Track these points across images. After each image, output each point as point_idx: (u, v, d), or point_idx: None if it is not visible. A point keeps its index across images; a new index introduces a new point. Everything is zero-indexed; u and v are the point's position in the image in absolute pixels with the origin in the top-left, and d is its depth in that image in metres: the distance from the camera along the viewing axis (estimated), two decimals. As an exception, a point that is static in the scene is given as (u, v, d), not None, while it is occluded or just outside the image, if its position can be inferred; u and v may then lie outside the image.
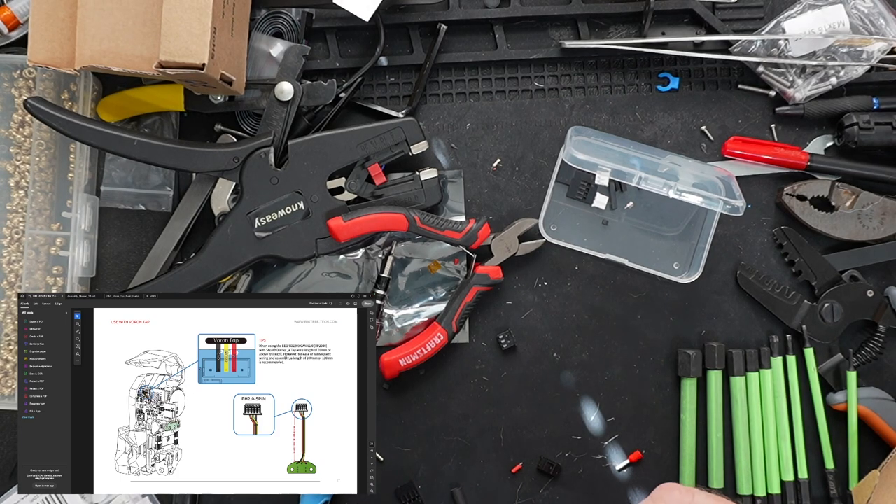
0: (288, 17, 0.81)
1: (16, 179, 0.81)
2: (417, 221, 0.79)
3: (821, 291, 0.83)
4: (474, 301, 0.81)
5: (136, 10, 0.73)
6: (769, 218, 0.84)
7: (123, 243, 0.84)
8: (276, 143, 0.78)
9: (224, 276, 0.79)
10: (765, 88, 0.84)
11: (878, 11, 0.81)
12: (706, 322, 0.84)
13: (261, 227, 0.78)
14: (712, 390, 0.82)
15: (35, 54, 0.74)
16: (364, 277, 0.83)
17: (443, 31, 0.82)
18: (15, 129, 0.81)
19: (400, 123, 0.79)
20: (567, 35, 0.85)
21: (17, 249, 0.80)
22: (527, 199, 0.84)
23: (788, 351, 0.83)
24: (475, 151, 0.84)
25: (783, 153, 0.82)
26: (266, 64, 0.80)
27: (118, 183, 0.83)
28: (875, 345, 0.82)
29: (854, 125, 0.80)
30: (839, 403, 0.81)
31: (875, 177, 0.82)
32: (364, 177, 0.80)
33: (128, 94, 0.80)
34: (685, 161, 0.81)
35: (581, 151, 0.76)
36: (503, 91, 0.84)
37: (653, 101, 0.84)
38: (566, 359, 0.84)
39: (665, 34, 0.84)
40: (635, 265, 0.80)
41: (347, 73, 0.83)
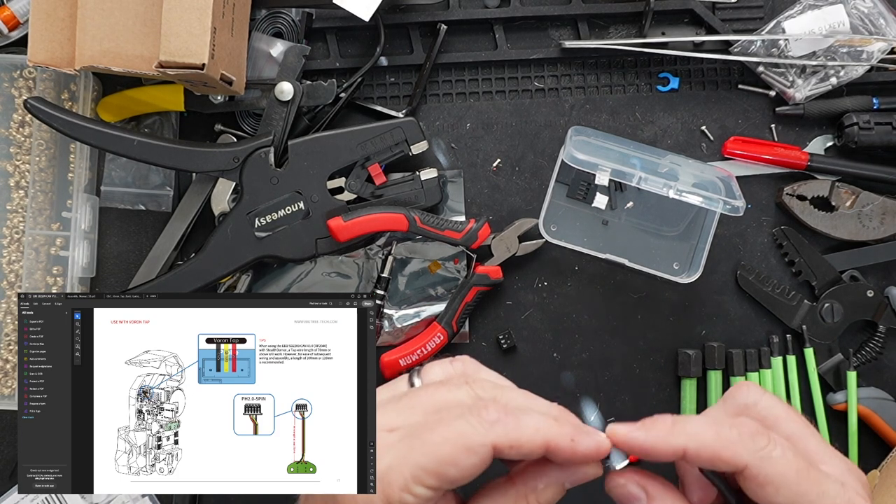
0: (288, 17, 0.81)
1: (16, 179, 0.81)
2: (417, 221, 0.79)
3: (821, 291, 0.83)
4: (474, 301, 0.81)
5: (136, 10, 0.73)
6: (769, 218, 0.84)
7: (123, 243, 0.84)
8: (276, 143, 0.78)
9: (224, 276, 0.79)
10: (765, 88, 0.84)
11: (878, 11, 0.81)
12: (706, 322, 0.84)
13: (261, 227, 0.78)
14: (712, 390, 0.82)
15: (35, 54, 0.74)
16: (364, 277, 0.83)
17: (443, 31, 0.82)
18: (15, 129, 0.81)
19: (400, 123, 0.79)
20: (567, 35, 0.85)
21: (17, 249, 0.80)
22: (527, 199, 0.84)
23: (788, 351, 0.83)
24: (475, 151, 0.84)
25: (783, 153, 0.82)
26: (266, 64, 0.80)
27: (118, 183, 0.83)
28: (875, 345, 0.82)
29: (854, 125, 0.80)
30: (839, 403, 0.81)
31: (875, 177, 0.82)
32: (364, 177, 0.80)
33: (128, 94, 0.80)
34: (685, 161, 0.81)
35: (581, 151, 0.76)
36: (503, 91, 0.84)
37: (653, 101, 0.84)
38: (566, 359, 0.84)
39: (665, 34, 0.84)
40: (635, 265, 0.80)
41: (347, 73, 0.83)
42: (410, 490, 0.49)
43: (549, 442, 0.48)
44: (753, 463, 0.47)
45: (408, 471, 0.49)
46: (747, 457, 0.47)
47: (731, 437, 0.47)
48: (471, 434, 0.47)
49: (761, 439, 0.47)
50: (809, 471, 0.47)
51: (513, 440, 0.47)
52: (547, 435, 0.48)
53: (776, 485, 0.46)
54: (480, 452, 0.47)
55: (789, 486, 0.47)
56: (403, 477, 0.49)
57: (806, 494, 0.46)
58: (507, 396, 0.52)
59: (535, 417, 0.49)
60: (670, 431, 0.48)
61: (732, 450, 0.47)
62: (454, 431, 0.48)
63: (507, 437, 0.47)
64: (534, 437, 0.48)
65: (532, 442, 0.48)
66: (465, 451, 0.47)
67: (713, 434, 0.47)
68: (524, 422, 0.48)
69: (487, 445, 0.47)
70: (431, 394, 0.52)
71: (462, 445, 0.47)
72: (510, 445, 0.47)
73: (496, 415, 0.48)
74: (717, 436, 0.47)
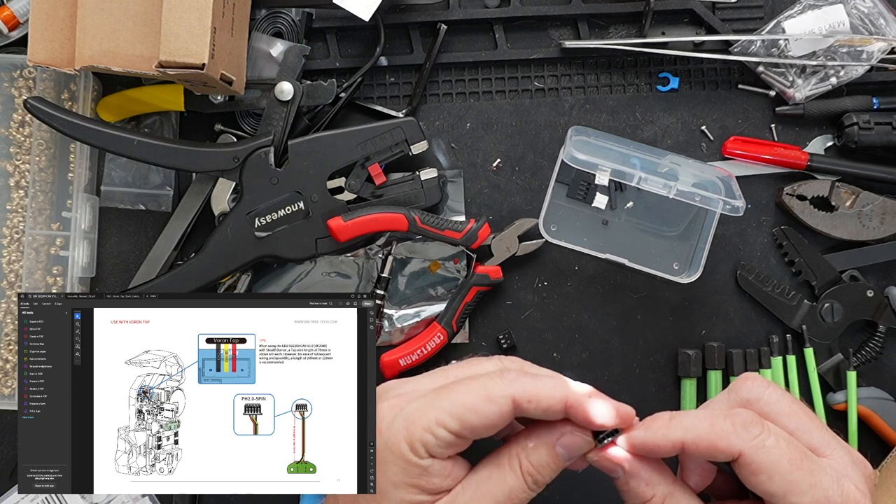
0: (288, 17, 0.81)
1: (16, 179, 0.81)
2: (417, 221, 0.79)
3: (821, 291, 0.83)
4: (474, 301, 0.81)
5: (136, 10, 0.73)
6: (769, 218, 0.84)
7: (123, 243, 0.84)
8: (276, 143, 0.78)
9: (224, 276, 0.79)
10: (765, 88, 0.84)
11: (878, 11, 0.81)
12: (706, 322, 0.84)
13: (261, 227, 0.78)
14: (712, 390, 0.82)
15: (35, 54, 0.74)
16: (364, 277, 0.83)
17: (443, 31, 0.82)
18: (15, 129, 0.81)
19: (400, 123, 0.79)
20: (567, 35, 0.85)
21: (17, 249, 0.80)
22: (527, 199, 0.84)
23: (788, 351, 0.83)
24: (475, 151, 0.84)
25: (783, 153, 0.82)
26: (266, 64, 0.80)
27: (118, 183, 0.83)
28: (875, 345, 0.82)
29: (854, 125, 0.80)
30: (839, 403, 0.81)
31: (875, 177, 0.82)
32: (364, 177, 0.80)
33: (128, 94, 0.80)
34: (685, 161, 0.81)
35: (581, 151, 0.76)
36: (503, 91, 0.84)
37: (653, 101, 0.84)
38: (566, 359, 0.84)
39: (665, 34, 0.84)
40: (635, 265, 0.80)
41: (347, 73, 0.83)
42: (433, 431, 0.52)
43: (567, 398, 0.51)
44: (747, 451, 0.48)
45: (433, 413, 0.52)
46: (741, 445, 0.48)
47: (726, 427, 0.49)
48: (492, 386, 0.52)
49: (755, 428, 0.49)
50: (803, 461, 0.48)
51: (531, 394, 0.51)
52: (564, 391, 0.51)
53: (769, 473, 0.48)
54: (500, 402, 0.51)
55: (782, 475, 0.48)
56: (427, 418, 0.52)
57: (798, 484, 0.48)
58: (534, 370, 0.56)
59: (554, 379, 0.53)
60: (668, 426, 0.51)
61: (727, 440, 0.49)
62: (479, 385, 0.52)
63: (524, 391, 0.51)
64: (552, 392, 0.51)
65: (550, 397, 0.51)
66: (486, 400, 0.51)
67: (708, 426, 0.49)
68: (542, 381, 0.52)
69: (507, 397, 0.51)
70: (464, 365, 0.57)
71: (484, 395, 0.51)
72: (528, 399, 0.51)
73: (516, 374, 0.52)
74: (712, 427, 0.49)
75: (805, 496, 0.48)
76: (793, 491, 0.48)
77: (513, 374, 0.52)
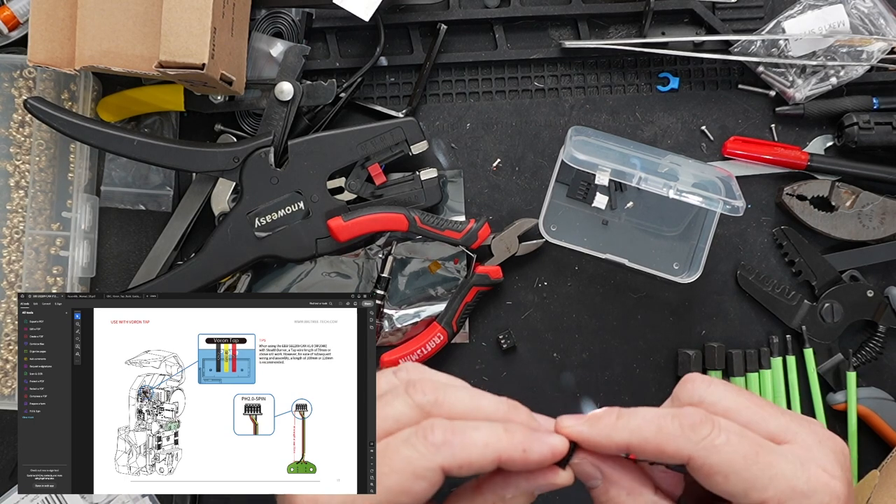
0: (288, 17, 0.81)
1: (16, 179, 0.81)
2: (417, 221, 0.79)
3: (821, 291, 0.83)
4: (474, 301, 0.81)
5: (136, 10, 0.73)
6: (769, 218, 0.84)
7: (123, 243, 0.84)
8: (276, 143, 0.78)
9: (224, 276, 0.79)
10: (765, 88, 0.84)
11: (878, 11, 0.81)
12: (706, 322, 0.84)
13: (261, 227, 0.78)
14: (712, 390, 0.82)
15: (35, 54, 0.74)
16: (364, 277, 0.83)
17: (443, 31, 0.82)
18: (15, 129, 0.81)
19: (400, 123, 0.79)
20: (567, 35, 0.85)
21: (17, 249, 0.80)
22: (527, 199, 0.84)
23: (788, 351, 0.83)
24: (475, 151, 0.84)
25: (783, 153, 0.82)
26: (266, 64, 0.80)
27: (118, 183, 0.83)
28: (875, 345, 0.82)
29: (854, 125, 0.80)
30: (839, 403, 0.81)
31: (875, 177, 0.82)
32: (364, 177, 0.80)
33: (128, 94, 0.80)
34: (685, 161, 0.81)
35: (581, 151, 0.76)
36: (503, 91, 0.84)
37: (653, 101, 0.84)
38: (566, 359, 0.84)
39: (665, 34, 0.84)
40: (635, 265, 0.80)
41: (347, 73, 0.83)
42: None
43: (501, 455, 0.46)
44: (697, 454, 0.45)
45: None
46: (690, 448, 0.45)
47: (673, 430, 0.46)
48: (417, 460, 0.46)
49: (703, 428, 0.46)
50: (759, 454, 0.45)
51: (461, 461, 0.46)
52: (497, 448, 0.46)
53: (724, 473, 0.45)
54: (429, 477, 0.46)
55: (738, 473, 0.45)
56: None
57: (757, 479, 0.45)
58: (449, 398, 0.49)
59: (483, 431, 0.47)
60: (614, 426, 0.47)
61: (674, 443, 0.46)
62: (401, 460, 0.47)
63: (454, 459, 0.46)
64: (484, 453, 0.46)
65: (483, 459, 0.46)
66: (414, 478, 0.46)
67: (654, 428, 0.46)
68: (471, 438, 0.46)
69: (436, 469, 0.46)
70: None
71: (410, 473, 0.46)
72: (459, 466, 0.46)
73: (441, 436, 0.46)
74: (659, 430, 0.46)
75: (767, 490, 0.45)
76: (753, 487, 0.45)
77: (437, 436, 0.46)
